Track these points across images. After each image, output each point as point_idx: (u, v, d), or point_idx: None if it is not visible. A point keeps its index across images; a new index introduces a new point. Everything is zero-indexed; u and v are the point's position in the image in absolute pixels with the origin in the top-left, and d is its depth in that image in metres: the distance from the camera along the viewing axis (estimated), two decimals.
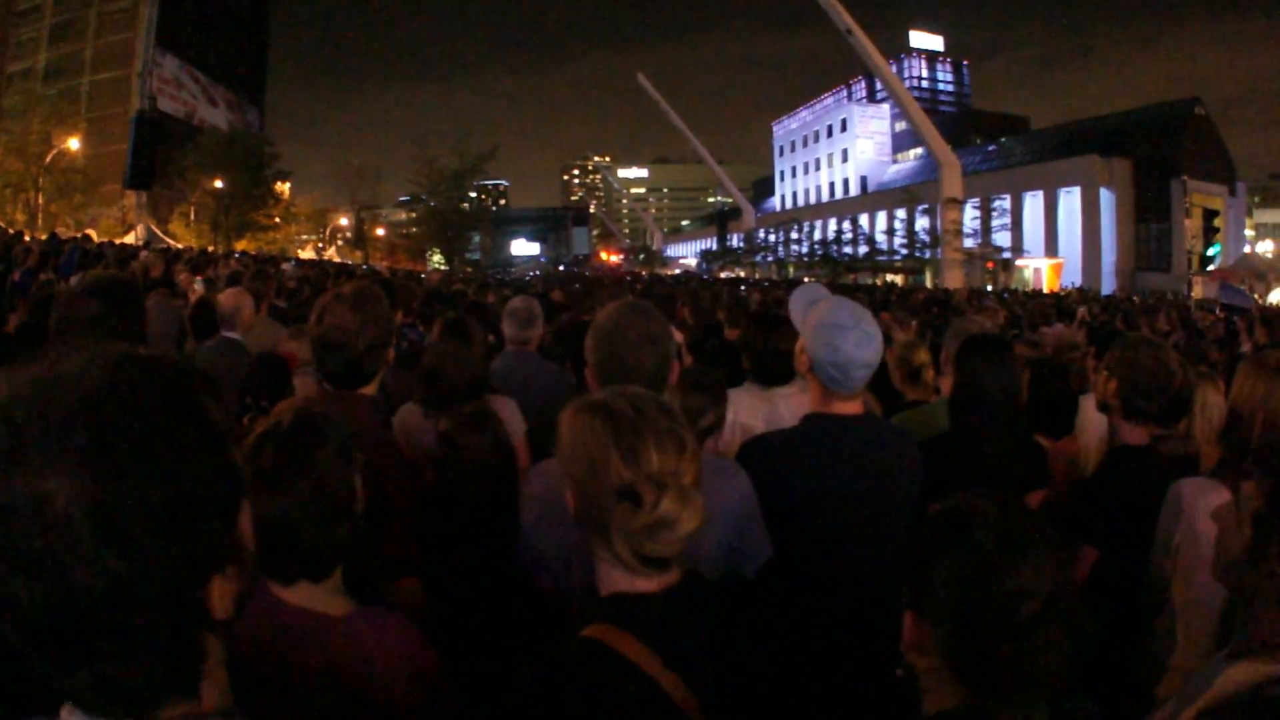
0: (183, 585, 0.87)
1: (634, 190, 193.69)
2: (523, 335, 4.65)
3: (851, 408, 2.66)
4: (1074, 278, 51.75)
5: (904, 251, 59.54)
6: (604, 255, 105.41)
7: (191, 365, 0.96)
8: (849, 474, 2.57)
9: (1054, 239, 55.56)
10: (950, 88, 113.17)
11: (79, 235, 27.39)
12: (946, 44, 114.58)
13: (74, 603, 0.80)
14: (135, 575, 0.82)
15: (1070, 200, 54.89)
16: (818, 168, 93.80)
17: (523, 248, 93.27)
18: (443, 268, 58.87)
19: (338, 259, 61.93)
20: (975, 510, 1.50)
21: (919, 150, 71.46)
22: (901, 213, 61.98)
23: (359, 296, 2.75)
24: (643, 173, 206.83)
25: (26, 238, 20.11)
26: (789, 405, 3.59)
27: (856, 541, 2.56)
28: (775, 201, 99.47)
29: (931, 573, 1.49)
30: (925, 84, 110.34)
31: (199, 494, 0.87)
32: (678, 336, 5.25)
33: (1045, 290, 43.29)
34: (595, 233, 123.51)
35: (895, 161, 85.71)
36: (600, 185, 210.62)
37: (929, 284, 48.99)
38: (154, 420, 0.85)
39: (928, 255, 56.06)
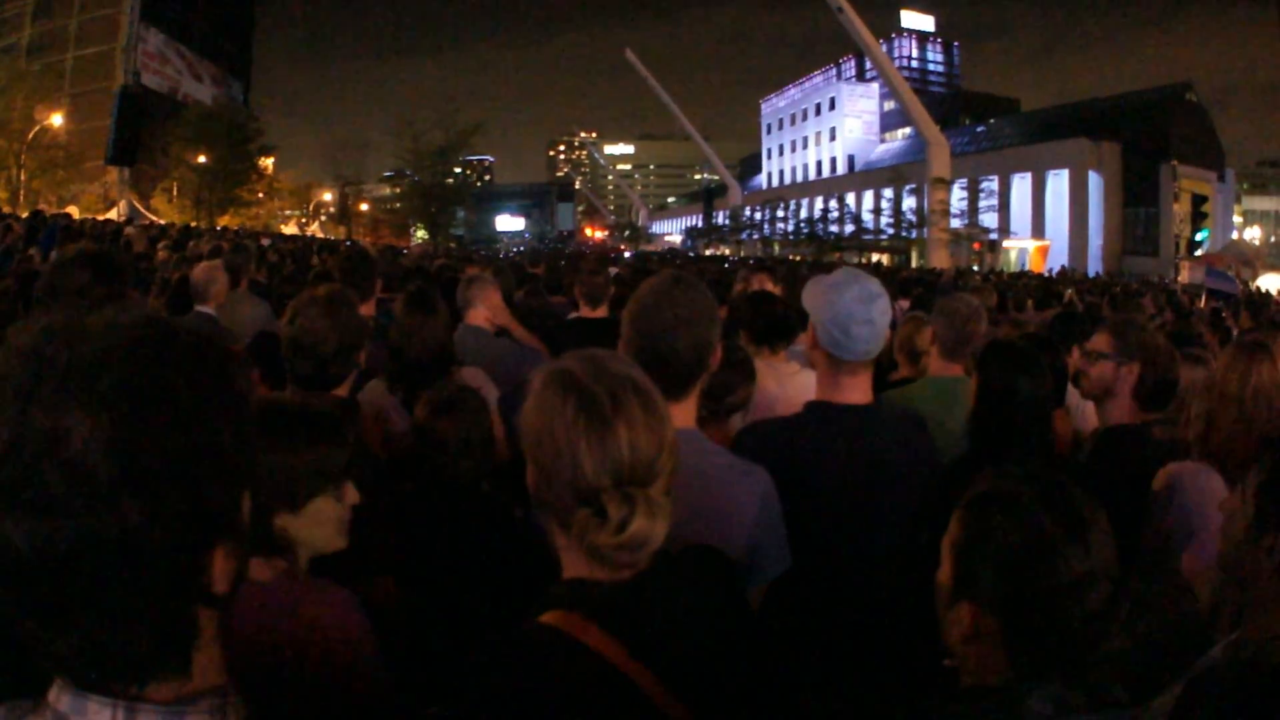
0: (191, 544, 0.84)
1: (620, 166, 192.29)
2: None
3: (858, 393, 2.54)
4: (1060, 260, 51.86)
5: (890, 231, 59.50)
6: (589, 231, 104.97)
7: (220, 337, 0.95)
8: (845, 469, 2.47)
9: (1041, 221, 55.58)
10: (940, 69, 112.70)
11: (60, 212, 27.19)
12: (938, 25, 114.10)
13: (79, 550, 0.78)
14: (148, 523, 0.79)
15: (1058, 183, 54.91)
16: (805, 146, 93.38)
17: (508, 223, 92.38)
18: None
19: (321, 234, 61.70)
20: (1024, 491, 1.45)
21: (907, 130, 71.22)
22: (889, 192, 61.98)
23: (331, 301, 2.82)
24: (629, 149, 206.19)
25: (7, 210, 19.93)
26: (795, 383, 3.60)
27: (851, 537, 2.47)
28: (762, 179, 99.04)
29: (984, 559, 1.44)
30: (915, 64, 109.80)
31: (217, 451, 0.85)
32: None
33: (1030, 271, 43.27)
34: (581, 209, 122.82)
35: (883, 141, 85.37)
36: (586, 161, 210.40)
37: (914, 264, 48.98)
38: (181, 372, 0.84)
39: (914, 235, 56.03)
